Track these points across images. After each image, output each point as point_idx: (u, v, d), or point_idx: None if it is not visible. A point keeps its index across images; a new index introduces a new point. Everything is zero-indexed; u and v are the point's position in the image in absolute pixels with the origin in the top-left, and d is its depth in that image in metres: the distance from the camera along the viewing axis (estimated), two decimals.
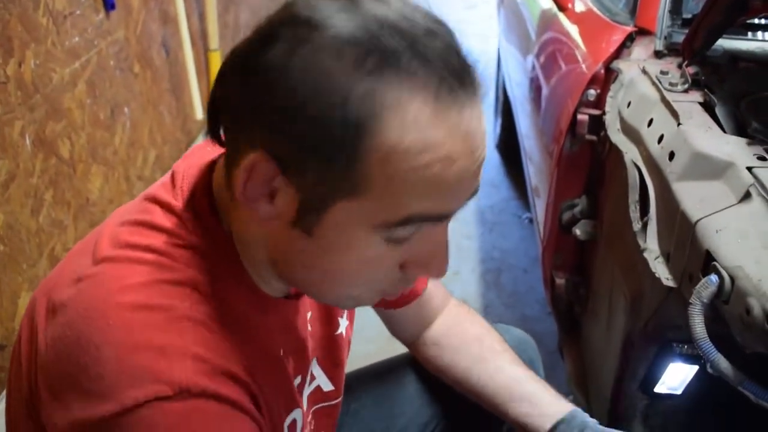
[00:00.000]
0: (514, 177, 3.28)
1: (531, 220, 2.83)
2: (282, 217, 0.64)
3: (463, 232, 2.93)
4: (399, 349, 1.19)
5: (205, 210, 0.71)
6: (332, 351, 0.95)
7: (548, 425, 0.95)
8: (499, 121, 3.49)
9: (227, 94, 0.64)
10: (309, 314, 0.88)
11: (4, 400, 0.79)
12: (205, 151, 0.78)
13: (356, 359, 1.25)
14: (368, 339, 2.08)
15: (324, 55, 0.57)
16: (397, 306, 1.06)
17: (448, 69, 0.59)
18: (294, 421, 0.84)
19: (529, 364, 1.15)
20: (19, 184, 1.47)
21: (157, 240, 0.68)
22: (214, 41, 2.67)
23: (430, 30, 0.60)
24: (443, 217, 0.65)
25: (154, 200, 0.72)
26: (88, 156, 1.77)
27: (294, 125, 0.59)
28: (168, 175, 0.76)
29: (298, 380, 0.87)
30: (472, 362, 1.06)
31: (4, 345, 1.41)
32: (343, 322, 0.96)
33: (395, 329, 1.12)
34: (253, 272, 0.73)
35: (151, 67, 2.20)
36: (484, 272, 2.67)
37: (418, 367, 1.15)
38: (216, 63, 2.66)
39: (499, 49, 3.51)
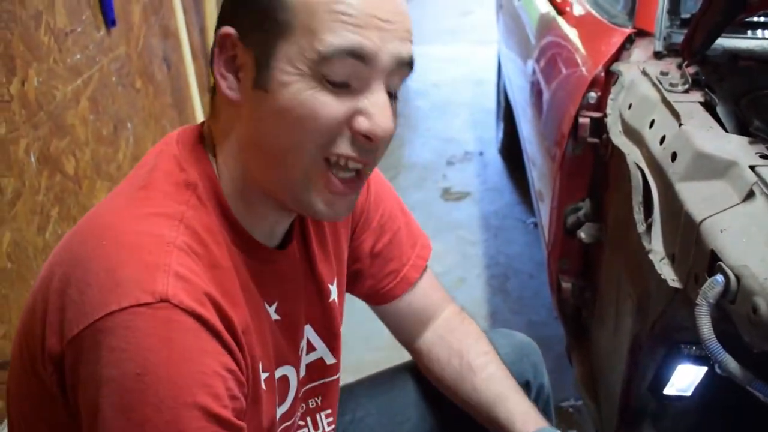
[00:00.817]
0: (518, 182, 3.28)
1: (536, 225, 2.83)
2: (246, 85, 0.75)
3: (467, 239, 2.93)
4: (407, 357, 1.19)
5: (197, 149, 0.80)
6: (327, 320, 0.98)
7: None
8: (501, 126, 3.50)
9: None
10: (302, 268, 0.92)
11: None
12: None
13: (365, 367, 1.26)
14: (377, 347, 2.09)
15: None
16: (386, 299, 1.08)
17: None
18: (285, 377, 0.89)
19: (531, 368, 1.16)
20: (25, 202, 1.47)
21: (149, 179, 0.77)
22: None
23: None
24: (367, 57, 0.73)
25: (148, 155, 0.82)
26: (92, 172, 1.78)
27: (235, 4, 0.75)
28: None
29: (302, 345, 0.92)
30: (454, 380, 1.08)
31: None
32: (334, 290, 0.99)
33: (395, 329, 1.14)
34: (241, 216, 0.80)
35: (153, 81, 2.21)
36: (490, 278, 2.67)
37: (422, 374, 1.15)
38: None
39: (499, 54, 3.52)
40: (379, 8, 0.73)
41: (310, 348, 0.97)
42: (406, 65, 0.78)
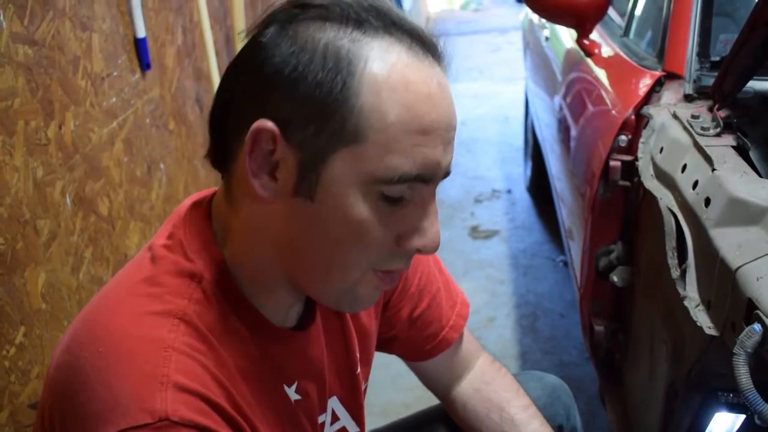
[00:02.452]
0: (546, 220, 3.27)
1: (565, 263, 2.82)
2: (284, 188, 0.69)
3: (496, 277, 2.92)
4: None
5: (204, 231, 0.77)
6: (353, 391, 0.96)
7: None
8: (530, 164, 3.50)
9: (227, 94, 0.73)
10: (325, 350, 0.89)
11: None
12: (203, 192, 0.85)
13: (394, 408, 1.26)
14: (407, 388, 2.07)
15: (311, 24, 0.67)
16: (423, 359, 1.06)
17: (416, 36, 0.69)
18: None
19: (564, 411, 1.14)
20: (60, 243, 1.49)
21: (153, 270, 0.74)
22: None
23: (400, 13, 0.70)
24: (430, 177, 0.70)
25: (156, 237, 0.79)
26: (126, 213, 1.81)
27: (290, 85, 0.66)
28: (172, 213, 0.83)
29: (322, 418, 0.88)
30: None
31: None
32: (358, 362, 0.97)
33: (427, 381, 1.12)
34: (253, 296, 0.77)
35: (186, 123, 2.25)
36: (520, 317, 2.65)
37: (451, 420, 1.14)
38: None
39: (526, 91, 3.54)
40: (447, 118, 0.70)
41: (334, 418, 0.94)
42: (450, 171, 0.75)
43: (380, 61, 0.66)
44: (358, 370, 0.96)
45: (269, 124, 0.67)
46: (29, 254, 1.37)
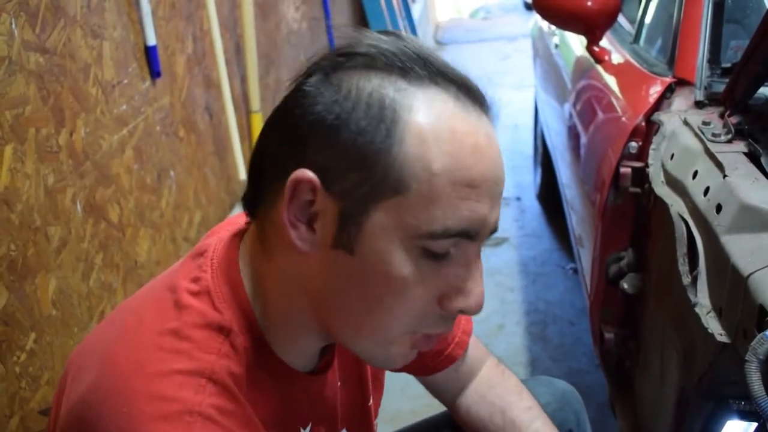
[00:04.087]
0: (556, 227, 3.26)
1: (575, 271, 2.81)
2: (323, 240, 0.67)
3: (506, 285, 2.91)
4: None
5: (235, 279, 0.73)
6: (364, 421, 0.95)
7: None
8: (539, 171, 3.49)
9: (268, 140, 0.71)
10: (338, 384, 0.87)
11: None
12: (231, 224, 0.81)
13: (403, 416, 1.25)
14: (415, 396, 2.07)
15: (355, 72, 0.66)
16: (428, 373, 1.05)
17: (463, 86, 0.67)
18: None
19: (574, 417, 1.13)
20: (70, 250, 1.50)
21: (179, 320, 0.70)
22: (255, 103, 2.73)
23: (445, 62, 0.69)
24: (474, 233, 0.67)
25: (180, 277, 0.74)
26: (136, 219, 1.81)
27: (332, 133, 0.64)
28: (197, 248, 0.78)
29: None
30: None
31: None
32: (370, 394, 0.95)
33: (434, 391, 1.11)
34: (276, 344, 0.74)
35: (196, 130, 2.26)
36: (529, 325, 2.64)
37: (457, 426, 1.13)
38: (258, 124, 2.72)
39: (535, 99, 3.54)
40: (495, 171, 0.67)
41: None
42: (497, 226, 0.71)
43: (426, 109, 0.64)
44: (370, 401, 0.95)
45: (309, 173, 0.65)
46: (40, 261, 1.38)
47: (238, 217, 0.82)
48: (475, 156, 0.65)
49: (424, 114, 0.64)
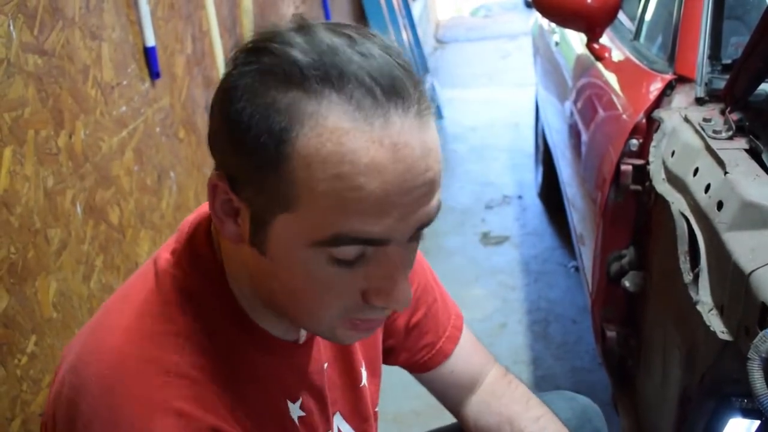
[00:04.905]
0: (558, 225, 3.26)
1: (577, 269, 2.80)
2: (244, 236, 0.68)
3: (508, 284, 2.91)
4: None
5: (203, 248, 0.76)
6: (358, 405, 0.95)
7: None
8: (540, 169, 3.49)
9: (210, 123, 0.71)
10: (325, 365, 0.88)
11: None
12: None
13: (405, 416, 1.25)
14: (415, 395, 2.06)
15: (260, 78, 0.63)
16: (424, 369, 1.05)
17: (376, 83, 0.61)
18: None
19: None
20: (71, 252, 1.50)
21: (157, 287, 0.74)
22: None
23: (372, 55, 0.63)
24: (382, 241, 0.64)
25: (162, 250, 0.79)
26: (136, 221, 1.81)
27: (234, 140, 0.64)
28: (180, 226, 0.82)
29: None
30: None
31: None
32: (364, 373, 0.95)
33: (438, 395, 1.11)
34: (253, 312, 0.76)
35: (195, 131, 2.25)
36: (531, 323, 2.63)
37: None
38: None
39: (536, 97, 3.53)
40: (401, 180, 0.62)
41: None
42: (432, 219, 0.68)
43: (315, 128, 0.60)
44: (363, 382, 0.95)
45: (219, 180, 0.67)
46: (40, 263, 1.38)
47: None
48: (370, 174, 0.60)
49: (314, 134, 0.60)
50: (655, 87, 1.49)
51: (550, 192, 3.21)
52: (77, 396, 0.69)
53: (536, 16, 3.52)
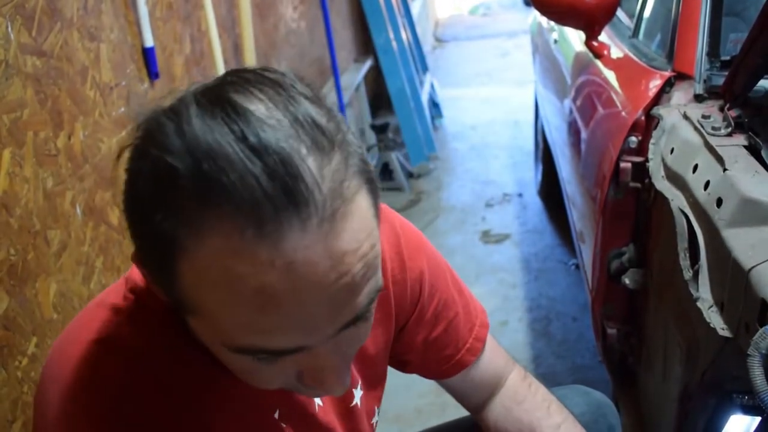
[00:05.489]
0: (558, 223, 3.26)
1: (577, 266, 2.80)
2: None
3: (508, 281, 2.91)
4: (448, 400, 1.16)
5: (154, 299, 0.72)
6: (351, 422, 0.93)
7: None
8: (540, 167, 3.49)
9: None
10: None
11: None
12: None
13: (407, 415, 1.25)
14: (419, 394, 2.06)
15: (148, 176, 0.56)
16: (440, 377, 1.04)
17: (265, 194, 0.52)
18: None
19: (608, 430, 1.11)
20: (70, 253, 1.50)
21: (123, 309, 0.72)
22: None
23: (262, 147, 0.53)
24: (297, 350, 0.60)
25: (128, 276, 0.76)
26: None
27: (134, 232, 0.60)
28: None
29: None
30: None
31: None
32: (358, 393, 0.92)
33: (457, 397, 1.09)
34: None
35: None
36: (532, 321, 2.64)
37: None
38: None
39: (536, 94, 3.53)
40: (308, 300, 0.56)
41: None
42: (363, 314, 0.62)
43: (199, 249, 0.54)
44: (354, 402, 0.92)
45: (137, 265, 0.64)
46: (40, 265, 1.38)
47: None
48: (260, 299, 0.55)
49: (198, 255, 0.55)
50: (654, 84, 1.49)
51: (550, 190, 3.21)
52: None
53: (535, 14, 3.52)
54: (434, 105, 5.01)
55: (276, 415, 0.79)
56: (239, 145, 0.53)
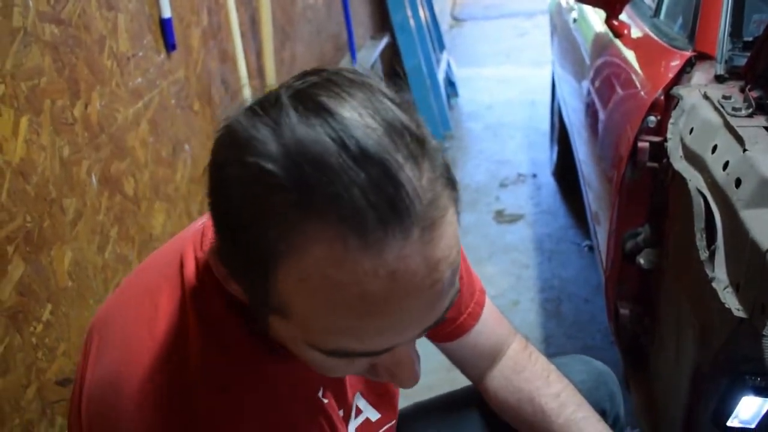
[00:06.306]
0: (572, 204, 3.24)
1: (591, 248, 2.79)
2: (246, 300, 0.65)
3: (521, 261, 2.91)
4: (457, 376, 1.17)
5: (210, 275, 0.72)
6: (375, 385, 0.95)
7: None
8: (555, 148, 3.47)
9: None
10: None
11: None
12: None
13: (418, 390, 1.25)
14: (429, 371, 2.06)
15: (246, 181, 0.56)
16: (443, 340, 1.05)
17: (370, 204, 0.52)
18: None
19: (608, 397, 1.12)
20: (86, 222, 1.50)
21: (181, 312, 0.71)
22: (271, 77, 2.72)
23: (363, 156, 0.53)
24: (382, 352, 0.62)
25: (187, 250, 0.75)
26: (151, 193, 1.81)
27: (225, 237, 0.60)
28: (200, 225, 0.79)
29: (341, 413, 0.87)
30: (530, 426, 1.03)
31: (71, 379, 1.45)
32: None
33: (458, 364, 1.11)
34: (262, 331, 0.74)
35: (211, 104, 2.25)
36: (544, 302, 2.63)
37: (485, 404, 1.12)
38: None
39: (553, 75, 3.50)
40: (405, 305, 0.57)
41: (357, 412, 0.93)
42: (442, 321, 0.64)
43: (300, 257, 0.55)
44: None
45: (216, 262, 0.65)
46: (56, 232, 1.38)
47: None
48: (363, 306, 0.55)
49: (299, 262, 0.55)
50: (675, 64, 1.47)
51: (565, 171, 3.19)
52: (103, 417, 0.70)
53: None
54: (450, 84, 4.98)
55: (320, 391, 0.81)
56: (341, 153, 0.53)
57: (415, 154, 0.56)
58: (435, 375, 1.92)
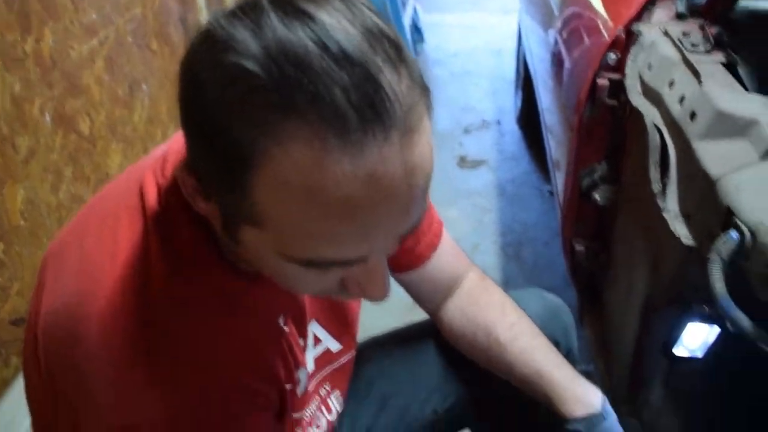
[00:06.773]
0: (536, 151, 3.26)
1: (551, 193, 2.82)
2: (216, 217, 0.65)
3: (483, 206, 2.92)
4: (420, 317, 1.18)
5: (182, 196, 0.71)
6: (335, 312, 0.96)
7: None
8: (520, 95, 3.47)
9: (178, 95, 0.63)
10: None
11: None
12: None
13: (376, 331, 1.26)
14: (390, 313, 2.08)
15: (223, 83, 0.55)
16: (401, 270, 1.05)
17: (351, 104, 0.52)
18: (298, 379, 0.87)
19: (562, 329, 1.14)
20: (38, 160, 1.48)
21: (143, 243, 0.70)
22: None
23: (344, 57, 0.53)
24: (357, 261, 0.62)
25: (143, 185, 0.74)
26: (107, 132, 1.78)
27: (202, 143, 0.59)
28: (161, 153, 0.78)
29: (301, 342, 0.88)
30: (485, 356, 1.05)
31: (26, 319, 1.43)
32: None
33: (415, 296, 1.11)
34: (228, 252, 0.73)
35: (169, 43, 2.20)
36: (505, 245, 2.66)
37: (441, 336, 1.13)
38: None
39: (519, 23, 3.48)
40: (382, 210, 0.57)
41: (316, 341, 0.94)
42: (416, 228, 0.65)
43: (279, 159, 0.54)
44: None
45: (187, 176, 0.63)
46: (8, 171, 1.36)
47: None
48: (343, 210, 0.55)
49: (277, 165, 0.54)
50: (636, 2, 1.46)
51: (529, 118, 3.19)
52: (66, 346, 0.69)
53: None
54: (416, 30, 4.93)
55: (281, 319, 0.82)
56: (323, 55, 0.52)
57: (393, 59, 0.56)
58: (395, 317, 1.93)
